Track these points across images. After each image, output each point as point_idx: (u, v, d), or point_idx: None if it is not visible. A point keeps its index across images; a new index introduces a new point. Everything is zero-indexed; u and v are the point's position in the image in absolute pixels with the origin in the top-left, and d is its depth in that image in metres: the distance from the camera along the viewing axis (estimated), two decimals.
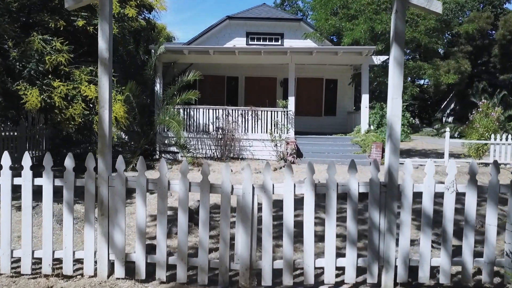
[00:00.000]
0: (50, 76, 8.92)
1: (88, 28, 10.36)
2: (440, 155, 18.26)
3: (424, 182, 3.43)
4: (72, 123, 9.05)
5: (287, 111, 12.55)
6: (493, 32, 33.32)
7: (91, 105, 9.74)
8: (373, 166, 3.42)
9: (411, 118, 32.54)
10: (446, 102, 43.32)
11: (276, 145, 12.06)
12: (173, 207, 6.36)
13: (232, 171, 9.92)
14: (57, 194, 3.79)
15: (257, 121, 12.66)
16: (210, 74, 14.93)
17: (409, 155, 17.37)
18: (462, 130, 33.64)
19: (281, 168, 10.64)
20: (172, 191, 3.41)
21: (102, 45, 3.26)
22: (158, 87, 12.45)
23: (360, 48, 12.15)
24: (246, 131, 12.63)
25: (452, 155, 13.15)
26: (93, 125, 9.44)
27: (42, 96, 8.57)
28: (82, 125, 9.49)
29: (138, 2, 11.63)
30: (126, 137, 12.46)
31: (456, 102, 40.06)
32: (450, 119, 43.64)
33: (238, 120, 12.63)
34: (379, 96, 20.10)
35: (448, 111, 44.24)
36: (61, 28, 9.71)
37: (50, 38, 9.06)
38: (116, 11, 10.60)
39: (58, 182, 3.45)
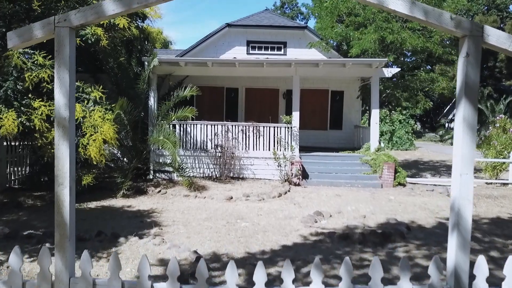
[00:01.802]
0: (30, 96, 8.00)
1: (75, 39, 9.42)
2: (450, 168, 17.36)
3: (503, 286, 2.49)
4: None
5: (291, 127, 11.65)
6: None
7: (76, 126, 8.84)
8: (433, 265, 2.49)
9: (415, 125, 31.68)
10: (449, 106, 42.50)
11: (280, 165, 11.14)
12: None
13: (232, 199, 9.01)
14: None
15: (259, 137, 11.75)
16: (208, 85, 14.03)
17: (417, 168, 16.50)
18: None
19: (286, 193, 9.72)
20: None
21: (60, 100, 2.36)
22: (152, 102, 11.53)
23: (370, 60, 11.26)
24: (247, 148, 11.72)
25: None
26: (79, 149, 8.52)
27: (20, 119, 7.66)
28: None
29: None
30: (118, 152, 11.54)
31: None
32: (453, 124, 42.82)
33: (238, 136, 11.72)
34: (388, 105, 19.25)
35: (451, 116, 43.40)
36: (45, 41, 8.80)
37: (32, 51, 8.14)
38: (105, 21, 9.67)
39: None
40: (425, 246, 5.90)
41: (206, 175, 11.63)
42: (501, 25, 32.60)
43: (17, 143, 10.22)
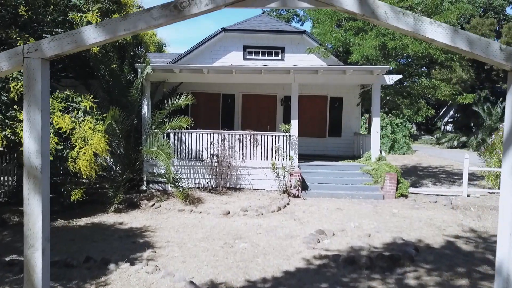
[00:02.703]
0: (15, 107, 7.58)
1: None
2: (450, 174, 17.14)
3: None
4: None
5: (289, 136, 11.27)
6: (497, 39, 32.37)
7: (65, 138, 8.40)
8: None
9: (412, 128, 31.48)
10: (445, 109, 42.37)
11: (278, 175, 10.75)
12: None
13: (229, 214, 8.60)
14: None
15: (256, 146, 11.36)
16: (203, 91, 13.61)
17: (417, 175, 16.20)
18: (465, 141, 32.70)
19: (285, 206, 9.34)
20: None
21: (31, 145, 1.95)
22: (145, 109, 11.09)
23: (372, 68, 10.91)
24: (244, 158, 11.33)
25: (468, 177, 11.88)
26: (68, 162, 8.10)
27: (4, 132, 7.24)
28: (53, 161, 8.11)
29: (121, 15, 10.31)
30: (111, 161, 11.07)
31: (456, 110, 39.10)
32: (449, 127, 42.71)
33: (235, 145, 11.32)
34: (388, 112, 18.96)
35: (447, 118, 43.30)
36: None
37: None
38: None
39: None
40: (436, 272, 5.54)
41: (202, 185, 11.21)
42: (498, 28, 32.48)
43: (2, 157, 9.75)
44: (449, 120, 42.80)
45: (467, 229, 7.87)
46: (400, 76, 11.48)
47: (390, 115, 23.94)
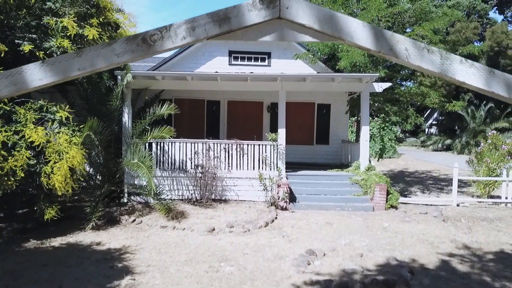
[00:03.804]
0: None
1: (38, 53, 8.50)
2: (437, 180, 17.01)
3: None
4: (13, 178, 7.13)
5: (277, 145, 10.91)
6: (480, 42, 32.66)
7: (38, 152, 7.87)
8: None
9: (398, 132, 31.54)
10: (429, 111, 42.65)
11: (266, 187, 10.37)
12: None
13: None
14: None
15: (243, 156, 10.97)
16: (187, 97, 13.15)
17: (405, 182, 16.05)
18: (450, 144, 32.88)
19: (273, 221, 8.96)
20: None
21: None
22: (126, 118, 10.59)
23: (361, 75, 10.62)
24: (230, 168, 10.92)
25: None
26: (41, 178, 7.57)
27: None
28: (26, 177, 7.58)
29: (101, 20, 9.80)
30: (91, 169, 10.51)
31: (440, 113, 39.36)
32: (434, 129, 43.03)
33: (220, 155, 10.91)
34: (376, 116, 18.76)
35: (431, 121, 43.63)
36: (1, 55, 7.92)
37: None
38: (73, 32, 8.75)
39: None
40: None
41: (186, 197, 10.76)
42: (481, 32, 32.78)
43: None
44: (433, 123, 43.15)
45: (461, 245, 7.62)
46: (389, 84, 11.23)
47: (376, 117, 23.81)
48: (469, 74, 1.56)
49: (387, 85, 11.14)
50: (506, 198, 11.38)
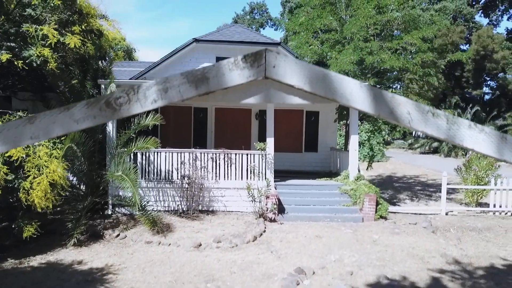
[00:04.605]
0: None
1: (16, 62, 8.21)
2: (425, 186, 17.01)
3: None
4: None
5: (265, 154, 10.73)
6: (467, 45, 32.97)
7: (17, 167, 7.55)
8: None
9: (386, 135, 31.64)
10: None
11: (254, 198, 10.17)
12: None
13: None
14: None
15: (231, 166, 10.76)
16: (174, 104, 12.88)
17: (394, 188, 16.02)
18: (437, 146, 33.11)
19: (261, 235, 8.77)
20: None
21: None
22: (110, 128, 10.30)
23: None
24: (218, 178, 10.71)
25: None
26: (20, 194, 7.28)
27: None
28: (3, 193, 7.26)
29: (83, 27, 9.50)
30: (75, 179, 10.17)
31: None
32: (420, 132, 43.22)
33: (208, 165, 10.68)
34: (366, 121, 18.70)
35: None
36: None
37: None
38: (53, 40, 8.46)
39: None
40: None
41: (172, 209, 10.51)
42: (468, 35, 33.07)
43: None
44: None
45: (451, 259, 7.53)
46: None
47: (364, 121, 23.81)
48: (479, 140, 1.38)
49: None
50: (494, 206, 11.39)
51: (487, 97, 35.87)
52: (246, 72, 1.33)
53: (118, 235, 8.65)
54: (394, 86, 16.61)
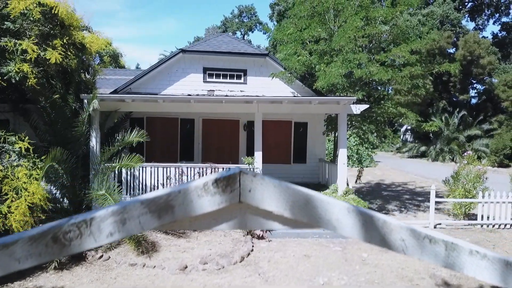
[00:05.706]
0: None
1: None
2: (414, 195, 17.02)
3: None
4: None
5: (253, 169, 10.56)
6: (453, 49, 33.22)
7: None
8: None
9: (374, 140, 31.75)
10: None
11: None
12: None
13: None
14: None
15: None
16: (160, 115, 12.65)
17: (382, 198, 15.95)
18: (425, 151, 33.33)
19: (249, 255, 8.61)
20: None
21: None
22: (94, 142, 10.04)
23: (338, 99, 10.42)
24: None
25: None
26: None
27: None
28: None
29: (65, 41, 9.23)
30: (58, 192, 9.90)
31: None
32: (408, 135, 43.58)
33: (194, 180, 10.46)
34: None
35: (406, 126, 44.19)
36: None
37: None
38: (33, 56, 8.19)
39: None
40: None
41: None
42: (455, 40, 33.33)
43: None
44: (408, 128, 43.71)
45: (440, 281, 7.45)
46: (367, 106, 11.06)
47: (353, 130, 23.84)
48: (481, 268, 1.23)
49: (364, 107, 10.96)
50: (482, 218, 11.39)
51: (473, 101, 36.22)
52: (218, 198, 1.15)
53: (101, 257, 8.39)
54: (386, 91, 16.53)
